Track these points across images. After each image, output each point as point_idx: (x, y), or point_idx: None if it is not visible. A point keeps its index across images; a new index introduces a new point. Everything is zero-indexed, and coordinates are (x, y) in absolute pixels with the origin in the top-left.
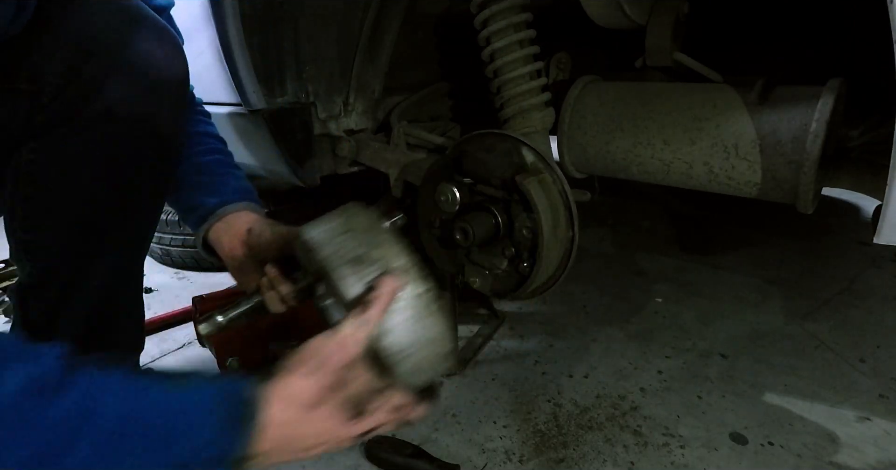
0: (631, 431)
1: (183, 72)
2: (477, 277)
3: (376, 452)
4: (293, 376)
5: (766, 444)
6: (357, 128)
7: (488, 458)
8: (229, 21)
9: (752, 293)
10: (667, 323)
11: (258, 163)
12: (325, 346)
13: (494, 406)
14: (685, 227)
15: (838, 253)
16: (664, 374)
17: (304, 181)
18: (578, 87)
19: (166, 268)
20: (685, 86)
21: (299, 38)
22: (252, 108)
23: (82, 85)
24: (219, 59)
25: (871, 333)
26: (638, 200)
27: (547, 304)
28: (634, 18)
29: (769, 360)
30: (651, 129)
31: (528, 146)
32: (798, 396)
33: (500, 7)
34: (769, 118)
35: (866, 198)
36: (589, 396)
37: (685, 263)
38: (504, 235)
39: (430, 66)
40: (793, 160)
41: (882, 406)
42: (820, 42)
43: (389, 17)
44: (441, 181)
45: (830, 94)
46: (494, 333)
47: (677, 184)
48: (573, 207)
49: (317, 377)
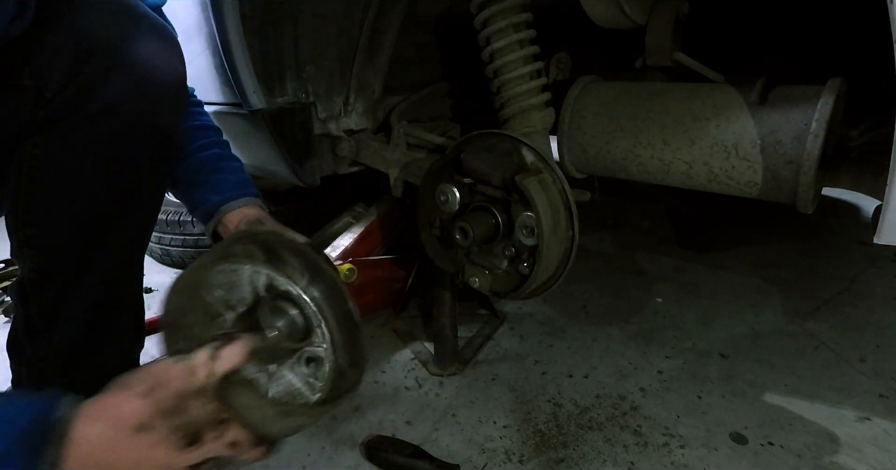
0: (631, 431)
1: (181, 70)
2: (477, 277)
3: (376, 452)
4: (124, 395)
5: (766, 444)
6: (357, 128)
7: (488, 458)
8: (229, 21)
9: (752, 293)
10: (667, 323)
11: (258, 163)
12: (170, 369)
13: (494, 406)
14: (685, 227)
15: (838, 253)
16: (664, 374)
17: (304, 181)
18: (578, 87)
19: (166, 268)
20: (685, 86)
21: (299, 38)
22: (252, 108)
23: (84, 82)
24: (218, 59)
25: (871, 333)
26: (638, 200)
27: (547, 304)
28: (634, 18)
29: (769, 360)
30: (651, 129)
31: (528, 146)
32: (798, 396)
33: (500, 7)
34: (769, 118)
35: (866, 198)
36: (589, 396)
37: (685, 263)
38: (504, 235)
39: (430, 66)
40: (793, 160)
41: (882, 406)
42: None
43: (389, 17)
44: (441, 181)
45: (830, 94)
46: (494, 333)
47: (677, 184)
48: (573, 207)
49: (152, 399)
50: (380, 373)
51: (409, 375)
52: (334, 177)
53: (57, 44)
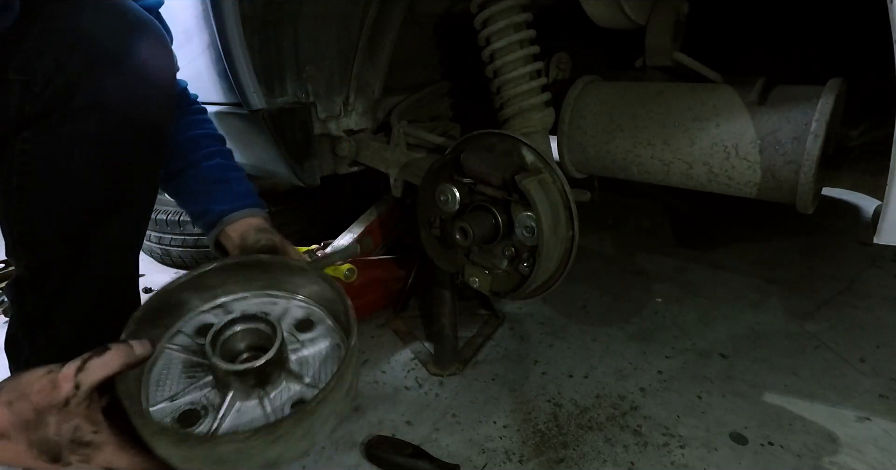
0: (631, 431)
1: (169, 64)
2: (477, 277)
3: (376, 451)
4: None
5: (766, 444)
6: (357, 128)
7: (488, 458)
8: (229, 21)
9: (752, 293)
10: (667, 323)
11: (258, 163)
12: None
13: (494, 406)
14: (685, 227)
15: (838, 253)
16: (664, 374)
17: (304, 181)
18: (578, 87)
19: (166, 268)
20: (685, 86)
21: (299, 38)
22: (252, 108)
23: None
24: (219, 60)
25: (871, 333)
26: (638, 200)
27: (547, 304)
28: (634, 18)
29: (769, 360)
30: (651, 129)
31: (528, 146)
32: (798, 396)
33: (500, 7)
34: (769, 118)
35: (866, 198)
36: (589, 396)
37: (685, 263)
38: (504, 235)
39: (430, 66)
40: (793, 160)
41: (882, 406)
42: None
43: (389, 17)
44: (441, 181)
45: (830, 94)
46: (494, 333)
47: (677, 184)
48: (573, 207)
49: (11, 411)
50: (380, 373)
51: (409, 375)
52: (334, 177)
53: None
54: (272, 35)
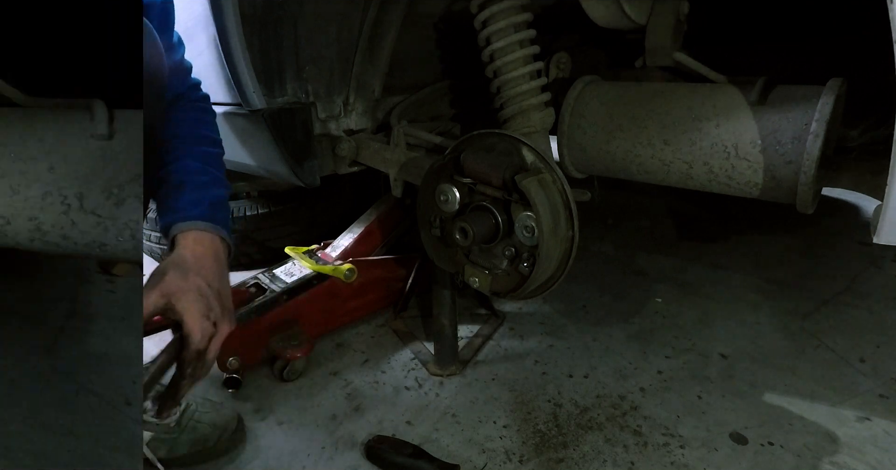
0: (631, 431)
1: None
2: (477, 277)
3: (376, 451)
4: None
5: (766, 444)
6: (357, 128)
7: (488, 458)
8: (229, 21)
9: (752, 293)
10: (667, 323)
11: (258, 163)
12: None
13: (494, 406)
14: (685, 228)
15: (838, 253)
16: (664, 374)
17: (304, 181)
18: (578, 87)
19: None
20: (685, 86)
21: (299, 38)
22: (252, 108)
23: None
24: (219, 59)
25: (871, 333)
26: (638, 200)
27: (547, 304)
28: (634, 18)
29: (769, 360)
30: (651, 129)
31: (528, 146)
32: (798, 396)
33: (500, 7)
34: (769, 118)
35: (866, 198)
36: (589, 396)
37: (685, 263)
38: (504, 235)
39: (430, 66)
40: (793, 160)
41: (882, 406)
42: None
43: (389, 17)
44: (441, 181)
45: (830, 94)
46: (494, 333)
47: (677, 184)
48: (573, 207)
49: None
50: (380, 373)
51: (409, 375)
52: (334, 177)
53: None
54: (272, 35)
